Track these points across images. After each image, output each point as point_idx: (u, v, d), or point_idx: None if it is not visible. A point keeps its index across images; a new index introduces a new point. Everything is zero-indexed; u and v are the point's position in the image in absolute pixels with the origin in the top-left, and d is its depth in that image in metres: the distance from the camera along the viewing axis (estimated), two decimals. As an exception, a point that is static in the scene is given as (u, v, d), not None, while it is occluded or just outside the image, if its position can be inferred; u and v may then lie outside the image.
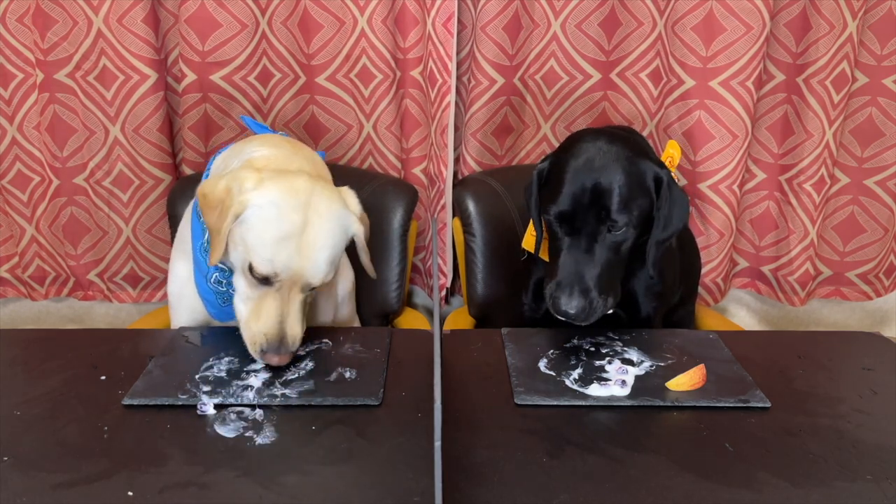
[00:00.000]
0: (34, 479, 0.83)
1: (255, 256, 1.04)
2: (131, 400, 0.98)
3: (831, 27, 1.72)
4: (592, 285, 1.14)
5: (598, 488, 0.82)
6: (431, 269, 1.82)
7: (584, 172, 1.14)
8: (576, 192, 1.14)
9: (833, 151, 1.84)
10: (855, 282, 1.99)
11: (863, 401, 1.03)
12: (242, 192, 1.05)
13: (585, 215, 1.14)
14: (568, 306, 1.12)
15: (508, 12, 1.74)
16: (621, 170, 1.14)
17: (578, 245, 1.15)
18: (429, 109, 1.80)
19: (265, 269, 1.04)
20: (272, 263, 1.04)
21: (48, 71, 1.79)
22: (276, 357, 1.05)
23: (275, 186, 1.06)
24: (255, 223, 1.05)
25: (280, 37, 1.79)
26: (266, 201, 1.05)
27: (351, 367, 1.08)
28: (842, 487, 0.84)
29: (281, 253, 1.04)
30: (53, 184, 1.89)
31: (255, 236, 1.04)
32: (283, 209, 1.05)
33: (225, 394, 0.99)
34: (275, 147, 1.18)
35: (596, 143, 1.17)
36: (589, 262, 1.14)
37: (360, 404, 0.99)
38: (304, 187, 1.08)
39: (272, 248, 1.04)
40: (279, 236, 1.04)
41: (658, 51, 1.80)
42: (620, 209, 1.13)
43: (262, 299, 1.07)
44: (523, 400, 1.00)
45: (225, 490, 0.81)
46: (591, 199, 1.14)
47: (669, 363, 1.11)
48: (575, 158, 1.16)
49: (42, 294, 2.01)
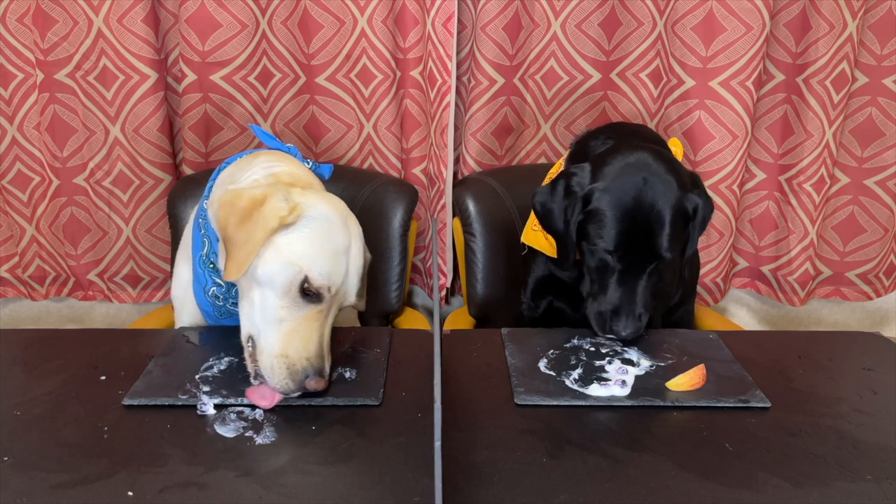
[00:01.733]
0: (34, 479, 0.83)
1: (313, 269, 0.98)
2: (131, 400, 0.98)
3: (831, 27, 1.72)
4: (644, 309, 1.17)
5: (598, 488, 0.82)
6: (431, 269, 1.82)
7: (635, 210, 1.15)
8: (626, 230, 1.16)
9: (833, 151, 1.84)
10: (855, 282, 1.99)
11: (863, 401, 1.03)
12: (290, 201, 1.00)
13: (635, 251, 1.16)
14: (626, 331, 1.15)
15: (508, 12, 1.74)
16: (670, 208, 1.15)
17: (629, 273, 1.18)
18: (429, 109, 1.80)
19: (323, 282, 0.98)
20: (329, 277, 0.99)
21: (48, 71, 1.79)
22: (315, 381, 0.96)
23: (322, 201, 1.03)
24: (314, 233, 1.00)
25: (280, 37, 1.79)
26: (320, 213, 1.01)
27: (351, 366, 1.07)
28: (842, 487, 0.84)
29: (339, 267, 1.01)
30: (53, 184, 1.89)
31: (315, 248, 0.99)
32: (335, 223, 1.02)
33: (226, 393, 0.99)
34: (291, 164, 1.15)
35: (641, 172, 1.16)
36: (639, 288, 1.18)
37: (361, 404, 0.99)
38: (342, 206, 1.07)
39: (330, 262, 0.99)
40: (336, 250, 1.01)
41: (658, 51, 1.80)
42: (669, 247, 1.16)
43: (301, 322, 0.98)
44: (523, 400, 1.00)
45: (225, 490, 0.81)
46: (643, 239, 1.16)
47: (669, 363, 1.11)
48: (623, 192, 1.16)
49: (42, 294, 2.01)
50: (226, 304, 1.17)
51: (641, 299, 1.18)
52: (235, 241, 0.99)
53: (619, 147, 1.23)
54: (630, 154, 1.19)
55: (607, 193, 1.17)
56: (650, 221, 1.15)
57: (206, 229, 1.14)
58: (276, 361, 0.96)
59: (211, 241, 1.13)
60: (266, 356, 0.97)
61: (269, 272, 0.98)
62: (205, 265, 1.16)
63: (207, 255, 1.15)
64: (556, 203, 1.23)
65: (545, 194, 1.26)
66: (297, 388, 0.96)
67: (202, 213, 1.17)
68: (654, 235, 1.16)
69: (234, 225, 0.99)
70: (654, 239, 1.16)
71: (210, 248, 1.14)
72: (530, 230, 1.38)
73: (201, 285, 1.17)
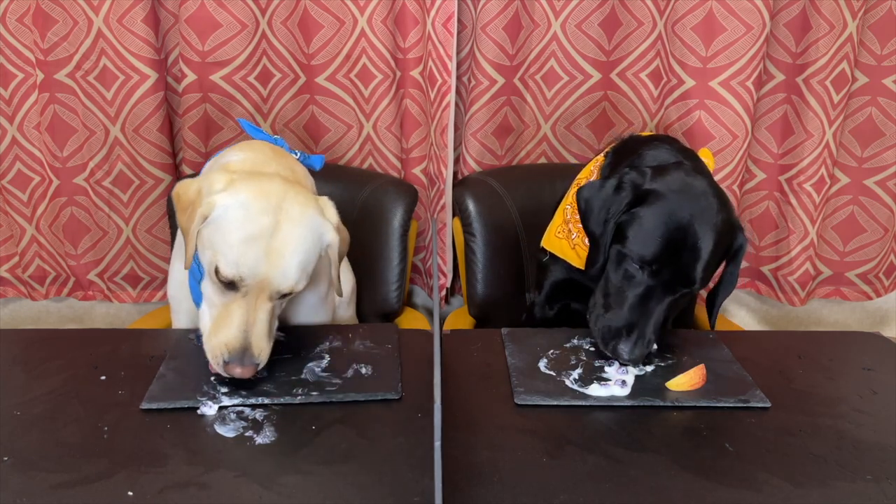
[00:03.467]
0: (34, 479, 0.83)
1: (221, 258, 0.99)
2: (149, 404, 0.97)
3: (831, 27, 1.72)
4: (654, 336, 1.11)
5: (598, 488, 0.82)
6: (431, 269, 1.82)
7: (686, 226, 1.09)
8: (671, 243, 1.09)
9: (833, 151, 1.84)
10: (855, 282, 1.99)
11: (863, 401, 1.03)
12: (211, 193, 1.03)
13: (670, 270, 1.10)
14: (631, 355, 1.08)
15: (508, 12, 1.74)
16: (718, 239, 1.10)
17: (652, 292, 1.11)
18: (429, 109, 1.80)
19: (230, 272, 0.99)
20: (237, 266, 0.99)
21: (48, 71, 1.79)
22: (240, 368, 0.98)
23: (245, 188, 1.03)
24: (222, 224, 1.01)
25: (280, 37, 1.79)
26: (234, 202, 1.01)
27: (366, 363, 1.08)
28: (842, 487, 0.84)
29: (247, 255, 0.99)
30: (53, 184, 1.89)
31: (221, 237, 1.00)
32: (251, 211, 1.01)
33: (246, 394, 0.99)
34: (253, 151, 1.17)
35: (701, 194, 1.11)
36: (657, 311, 1.11)
37: (381, 399, 1.00)
38: (276, 191, 1.04)
39: (238, 250, 0.99)
40: (245, 238, 1.00)
41: (658, 51, 1.80)
42: (704, 278, 1.11)
43: (228, 306, 1.01)
44: (523, 400, 1.00)
45: (225, 490, 0.81)
46: (684, 259, 1.10)
47: (669, 363, 1.11)
48: (680, 204, 1.10)
49: (42, 294, 2.01)
50: None
51: (657, 324, 1.11)
52: (183, 231, 1.07)
53: (683, 164, 1.18)
54: (696, 176, 1.14)
55: (662, 199, 1.11)
56: (697, 244, 1.09)
57: None
58: (205, 343, 1.03)
59: None
60: (204, 335, 1.04)
61: (201, 262, 1.06)
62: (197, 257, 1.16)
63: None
64: (602, 200, 1.17)
65: (593, 189, 1.20)
66: (221, 370, 1.00)
67: None
68: (696, 259, 1.09)
69: (179, 216, 1.09)
70: (695, 263, 1.09)
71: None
72: (553, 236, 1.35)
73: (196, 279, 1.18)
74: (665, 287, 1.11)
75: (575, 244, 1.28)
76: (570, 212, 1.32)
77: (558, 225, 1.35)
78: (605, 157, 1.36)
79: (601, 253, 1.17)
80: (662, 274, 1.10)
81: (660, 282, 1.11)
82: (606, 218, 1.16)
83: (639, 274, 1.12)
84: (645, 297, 1.11)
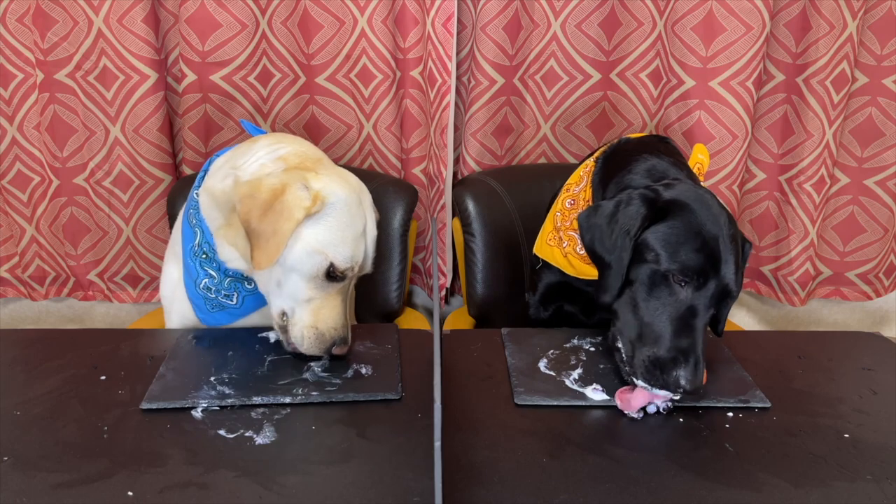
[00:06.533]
0: (34, 479, 0.83)
1: (338, 255, 1.05)
2: (149, 404, 0.97)
3: (831, 27, 1.72)
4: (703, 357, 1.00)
5: (598, 488, 0.82)
6: (431, 269, 1.82)
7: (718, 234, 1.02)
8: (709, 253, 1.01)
9: (833, 151, 1.84)
10: (855, 282, 1.99)
11: (863, 401, 1.03)
12: (310, 190, 1.03)
13: (712, 280, 1.01)
14: (693, 385, 0.96)
15: (508, 12, 1.74)
16: (737, 244, 1.05)
17: (695, 308, 1.01)
18: (429, 109, 1.80)
19: (346, 266, 1.06)
20: (352, 260, 1.07)
21: (48, 71, 1.79)
22: (345, 347, 1.07)
23: (338, 184, 1.07)
24: (335, 222, 1.05)
25: (280, 37, 1.79)
26: (339, 199, 1.06)
27: (366, 363, 1.09)
28: (842, 487, 0.84)
29: (358, 249, 1.08)
30: (53, 184, 1.89)
31: (338, 236, 1.05)
32: (352, 207, 1.07)
33: (247, 394, 0.99)
34: (295, 143, 1.15)
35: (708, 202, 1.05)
36: (701, 330, 1.01)
37: (381, 399, 1.00)
38: (354, 183, 1.12)
39: (352, 246, 1.07)
40: (356, 234, 1.08)
41: (658, 51, 1.80)
42: (740, 285, 1.04)
43: (328, 298, 1.07)
44: (523, 400, 1.00)
45: (225, 490, 0.81)
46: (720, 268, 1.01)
47: (669, 363, 1.11)
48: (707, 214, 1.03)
49: (42, 294, 2.01)
50: (217, 297, 1.17)
51: (704, 341, 1.00)
52: (262, 233, 1.01)
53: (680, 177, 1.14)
54: (698, 186, 1.10)
55: (688, 209, 1.03)
56: (730, 251, 1.01)
57: (198, 219, 1.14)
58: (307, 332, 1.06)
59: (203, 231, 1.13)
60: (297, 328, 1.07)
61: (296, 260, 1.04)
62: (196, 257, 1.16)
63: (200, 246, 1.15)
64: (608, 223, 1.07)
65: (594, 214, 1.10)
66: (325, 352, 1.07)
67: (193, 204, 1.16)
68: (734, 267, 1.01)
69: (257, 218, 1.01)
70: (734, 271, 1.01)
71: (202, 238, 1.14)
72: (545, 244, 1.33)
73: (192, 278, 1.17)
74: (709, 301, 1.02)
75: (567, 252, 1.26)
76: (559, 219, 1.29)
77: (549, 232, 1.33)
78: (594, 162, 1.31)
79: (617, 278, 1.05)
80: (708, 287, 1.01)
81: (704, 296, 1.01)
82: (621, 240, 1.05)
83: (682, 292, 1.01)
84: (690, 316, 1.00)
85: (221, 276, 1.15)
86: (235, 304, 1.19)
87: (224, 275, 1.15)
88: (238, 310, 1.20)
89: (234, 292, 1.18)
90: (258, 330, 1.18)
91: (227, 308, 1.20)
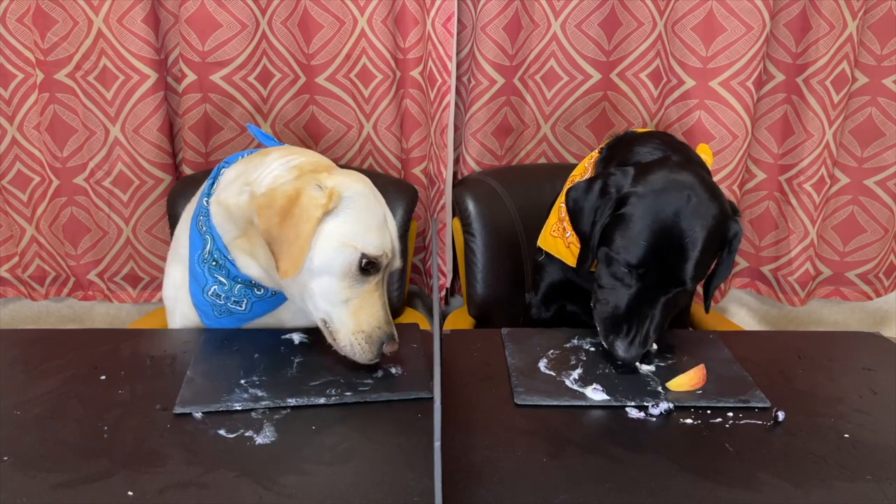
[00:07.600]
0: (34, 479, 0.83)
1: (367, 245, 1.03)
2: (182, 409, 0.96)
3: (831, 27, 1.72)
4: (654, 335, 1.10)
5: (598, 488, 0.82)
6: (431, 269, 1.82)
7: (671, 226, 1.07)
8: (656, 245, 1.08)
9: (833, 151, 1.84)
10: (855, 282, 1.99)
11: (863, 401, 1.03)
12: (324, 188, 1.02)
13: (659, 272, 1.09)
14: (627, 354, 1.08)
15: (508, 12, 1.74)
16: (707, 233, 1.08)
17: (642, 293, 1.10)
18: (429, 109, 1.80)
19: (377, 254, 1.04)
20: (382, 247, 1.05)
21: (48, 71, 1.79)
22: (392, 345, 1.04)
23: (351, 179, 1.07)
24: (356, 214, 1.04)
25: (280, 37, 1.79)
26: (356, 191, 1.05)
27: (394, 363, 1.08)
28: (842, 487, 0.84)
29: (384, 235, 1.06)
30: (53, 184, 1.89)
31: (363, 224, 1.04)
32: (369, 197, 1.07)
33: (280, 395, 0.99)
34: (306, 154, 1.15)
35: (686, 190, 1.08)
36: (650, 312, 1.09)
37: (414, 398, 1.00)
38: (367, 180, 1.11)
39: (378, 233, 1.05)
40: (379, 221, 1.07)
41: (658, 51, 1.80)
42: (695, 276, 1.09)
43: (364, 297, 1.04)
44: (523, 400, 1.00)
45: (225, 490, 0.81)
46: (672, 260, 1.08)
47: (669, 363, 1.11)
48: (663, 204, 1.08)
49: (42, 294, 2.01)
50: (227, 303, 1.17)
51: (655, 325, 1.09)
52: (283, 240, 1.00)
53: (668, 160, 1.16)
54: (680, 170, 1.12)
55: (645, 200, 1.09)
56: (683, 243, 1.07)
57: (208, 227, 1.14)
58: (355, 338, 1.03)
59: (215, 238, 1.13)
60: (343, 335, 1.04)
61: (325, 260, 1.02)
62: (205, 264, 1.15)
63: (210, 254, 1.14)
64: (589, 202, 1.16)
65: (580, 191, 1.19)
66: (377, 356, 1.04)
67: (203, 211, 1.15)
68: (685, 259, 1.07)
69: (276, 226, 1.00)
70: (683, 263, 1.07)
71: (213, 246, 1.13)
72: (549, 235, 1.34)
73: (200, 285, 1.17)
74: (656, 288, 1.10)
75: (569, 242, 1.28)
76: (564, 210, 1.32)
77: (553, 223, 1.35)
78: (599, 152, 1.35)
79: (590, 256, 1.17)
80: (650, 276, 1.09)
81: (649, 284, 1.10)
82: (594, 220, 1.15)
83: (627, 277, 1.11)
84: (637, 299, 1.10)
85: (232, 283, 1.15)
86: (244, 310, 1.18)
87: (234, 281, 1.15)
88: (246, 315, 1.20)
89: (244, 298, 1.17)
90: (282, 332, 1.18)
91: (235, 314, 1.19)
